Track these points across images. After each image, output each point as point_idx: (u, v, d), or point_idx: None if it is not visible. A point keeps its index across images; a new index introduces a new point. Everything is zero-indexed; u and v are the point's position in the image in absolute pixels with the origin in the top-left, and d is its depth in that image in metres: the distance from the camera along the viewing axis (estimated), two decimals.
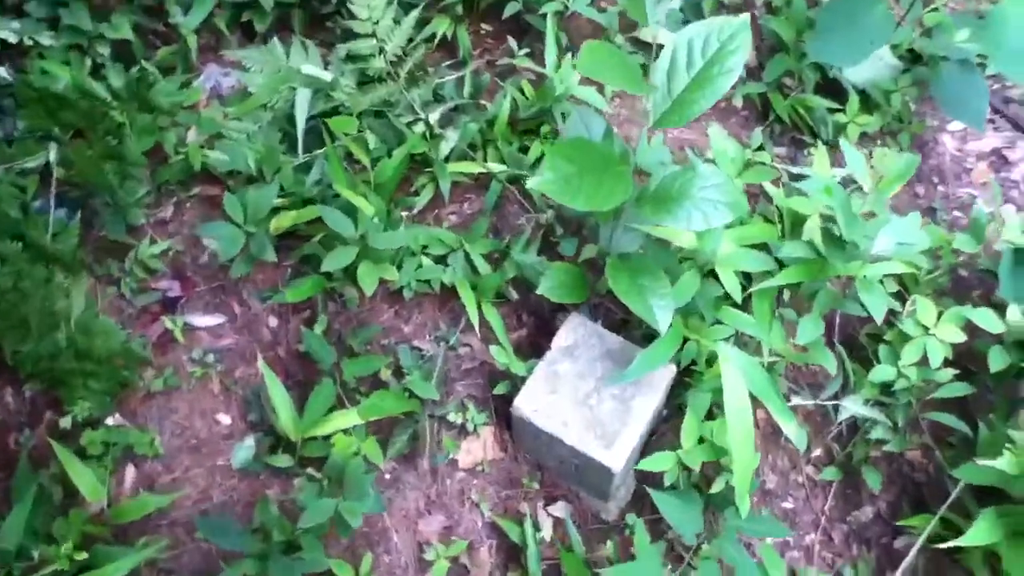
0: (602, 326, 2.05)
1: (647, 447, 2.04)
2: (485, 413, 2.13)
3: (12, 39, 2.26)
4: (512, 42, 2.60)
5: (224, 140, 2.35)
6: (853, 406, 1.93)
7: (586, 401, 1.90)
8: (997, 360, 1.92)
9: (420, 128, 2.34)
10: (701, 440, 1.85)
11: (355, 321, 2.25)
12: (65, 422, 1.99)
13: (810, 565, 2.03)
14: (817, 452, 2.12)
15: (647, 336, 2.09)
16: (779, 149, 2.56)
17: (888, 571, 1.99)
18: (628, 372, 1.81)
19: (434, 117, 2.34)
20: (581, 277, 1.97)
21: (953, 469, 1.81)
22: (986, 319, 1.92)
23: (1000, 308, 1.97)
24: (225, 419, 2.13)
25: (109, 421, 2.07)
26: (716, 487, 1.87)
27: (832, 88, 2.60)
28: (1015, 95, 2.71)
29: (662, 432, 2.09)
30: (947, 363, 1.94)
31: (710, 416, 1.94)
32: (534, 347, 2.20)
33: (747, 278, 2.05)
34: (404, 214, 2.34)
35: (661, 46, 1.67)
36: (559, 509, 2.06)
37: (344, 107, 2.33)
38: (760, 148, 2.44)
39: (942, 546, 1.76)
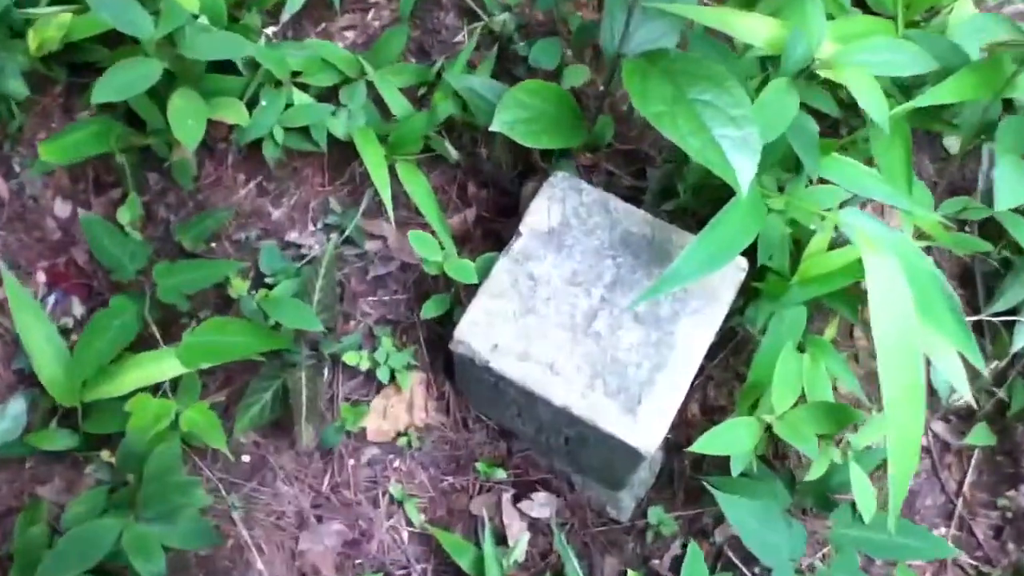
0: None
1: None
2: (409, 350, 1.27)
3: None
4: None
5: None
6: None
7: (588, 327, 1.04)
8: None
9: None
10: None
11: (191, 204, 1.36)
12: None
13: None
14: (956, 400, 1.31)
15: (682, 211, 1.24)
16: None
17: None
18: (672, 274, 0.93)
19: None
20: (567, 102, 1.09)
21: None
22: None
23: None
24: None
25: None
26: (814, 471, 1.06)
27: None
28: None
29: (708, 374, 1.26)
30: None
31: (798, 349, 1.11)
32: (491, 239, 1.35)
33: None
34: (269, 31, 1.43)
35: None
36: (538, 506, 1.24)
37: None
38: None
39: None
